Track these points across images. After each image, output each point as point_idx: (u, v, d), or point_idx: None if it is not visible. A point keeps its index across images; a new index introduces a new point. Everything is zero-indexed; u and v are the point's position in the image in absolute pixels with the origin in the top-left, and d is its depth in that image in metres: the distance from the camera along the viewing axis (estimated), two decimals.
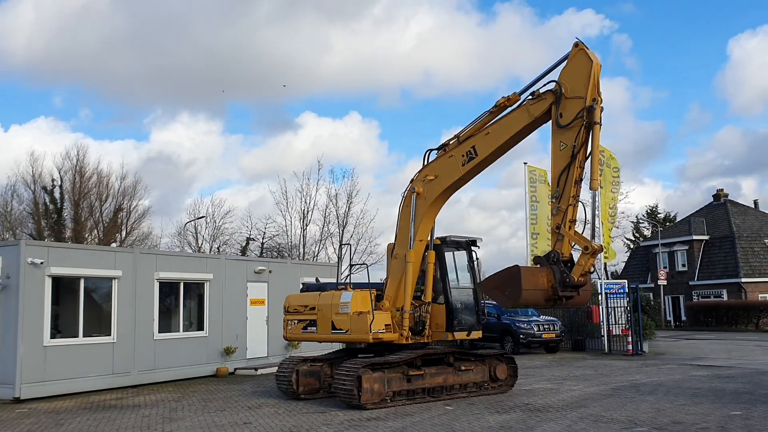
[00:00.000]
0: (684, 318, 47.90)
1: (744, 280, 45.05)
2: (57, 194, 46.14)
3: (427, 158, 13.58)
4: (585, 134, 11.21)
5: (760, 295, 44.57)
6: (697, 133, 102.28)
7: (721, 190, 53.99)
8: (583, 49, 11.47)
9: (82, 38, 74.95)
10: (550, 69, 12.14)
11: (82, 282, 15.50)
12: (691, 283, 48.30)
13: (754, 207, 53.33)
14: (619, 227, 48.67)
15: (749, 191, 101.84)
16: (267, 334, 19.97)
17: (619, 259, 59.57)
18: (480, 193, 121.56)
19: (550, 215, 12.13)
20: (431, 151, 13.55)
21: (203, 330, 18.30)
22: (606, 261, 30.35)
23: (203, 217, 49.68)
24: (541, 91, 11.90)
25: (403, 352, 13.11)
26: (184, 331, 17.85)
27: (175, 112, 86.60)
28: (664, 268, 48.19)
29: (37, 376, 14.41)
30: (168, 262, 17.86)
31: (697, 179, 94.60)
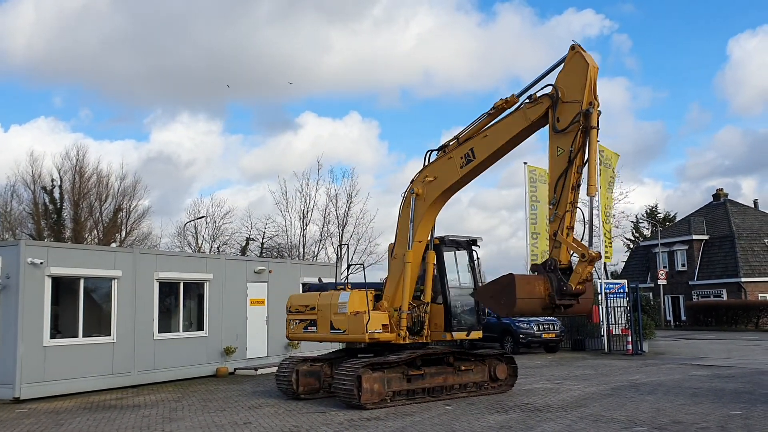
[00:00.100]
0: (684, 318, 47.91)
1: (744, 280, 45.04)
2: (57, 194, 46.13)
3: (428, 159, 13.54)
4: (582, 139, 11.03)
5: (760, 295, 44.56)
6: (697, 133, 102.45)
7: (721, 190, 53.97)
8: (580, 52, 11.30)
9: (83, 38, 75.08)
10: (547, 72, 12.02)
11: (82, 282, 15.50)
12: (691, 283, 48.29)
13: (753, 207, 53.31)
14: (618, 227, 48.74)
15: (749, 191, 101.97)
16: (267, 334, 19.98)
17: (619, 258, 59.80)
18: (480, 193, 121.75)
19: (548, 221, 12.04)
20: (432, 151, 13.51)
21: (203, 330, 18.31)
22: (606, 261, 30.40)
23: (203, 217, 49.73)
24: (538, 95, 11.78)
25: (403, 352, 13.10)
26: (184, 331, 17.86)
27: (175, 112, 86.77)
28: (664, 267, 48.17)
29: (37, 377, 14.41)
30: (168, 262, 17.86)
31: (697, 179, 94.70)
